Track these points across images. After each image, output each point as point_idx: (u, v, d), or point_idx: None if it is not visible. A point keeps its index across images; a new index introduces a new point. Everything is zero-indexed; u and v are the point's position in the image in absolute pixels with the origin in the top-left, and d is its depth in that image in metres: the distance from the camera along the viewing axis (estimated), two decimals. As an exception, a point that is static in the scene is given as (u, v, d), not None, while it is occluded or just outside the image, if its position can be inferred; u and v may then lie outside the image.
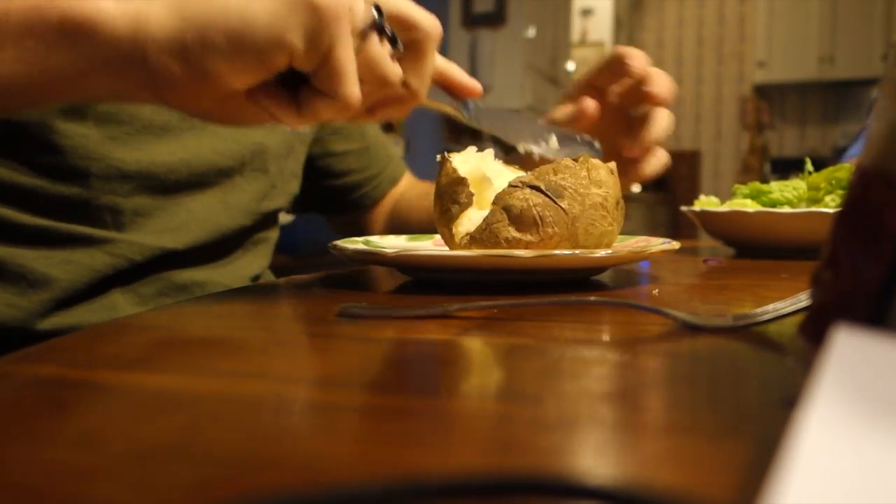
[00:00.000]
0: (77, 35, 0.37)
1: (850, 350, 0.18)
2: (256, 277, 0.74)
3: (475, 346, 0.33)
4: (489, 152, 0.53)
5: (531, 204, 0.46)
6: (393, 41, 0.42)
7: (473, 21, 3.62)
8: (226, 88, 0.38)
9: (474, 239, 0.47)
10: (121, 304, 0.60)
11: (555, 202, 0.46)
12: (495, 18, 3.60)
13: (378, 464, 0.18)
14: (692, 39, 5.72)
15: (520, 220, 0.46)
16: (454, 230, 0.49)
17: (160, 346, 0.35)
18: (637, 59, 0.59)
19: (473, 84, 0.52)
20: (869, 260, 0.22)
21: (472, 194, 0.49)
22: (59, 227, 0.58)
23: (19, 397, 0.25)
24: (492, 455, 0.19)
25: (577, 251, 0.45)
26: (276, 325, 0.41)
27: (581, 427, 0.22)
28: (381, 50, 0.41)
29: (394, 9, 0.42)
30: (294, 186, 0.78)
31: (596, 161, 0.48)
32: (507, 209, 0.46)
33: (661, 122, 0.60)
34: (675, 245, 0.53)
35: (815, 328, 0.23)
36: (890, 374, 0.17)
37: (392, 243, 0.59)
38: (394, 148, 0.93)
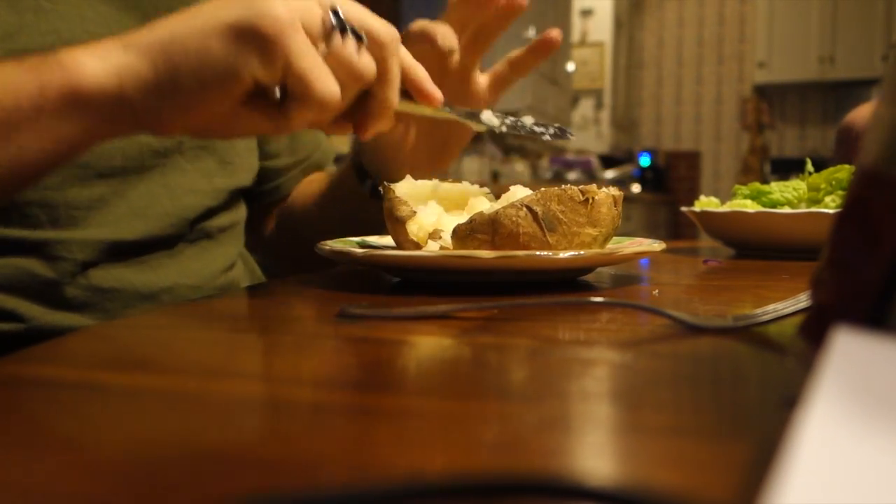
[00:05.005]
0: (76, 103, 0.41)
1: (850, 351, 0.18)
2: (230, 266, 0.69)
3: (475, 346, 0.33)
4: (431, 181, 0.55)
5: (520, 231, 0.45)
6: (357, 37, 0.43)
7: (473, 21, 3.62)
8: (207, 113, 0.42)
9: (456, 234, 0.47)
10: (85, 319, 0.57)
11: (544, 235, 0.46)
12: (495, 18, 3.60)
13: (378, 464, 0.18)
14: (692, 39, 5.72)
15: (505, 242, 0.46)
16: (408, 228, 0.49)
17: (159, 346, 0.35)
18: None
19: (435, 93, 0.50)
20: (869, 261, 0.22)
21: (412, 208, 0.49)
22: None
23: (19, 397, 0.25)
24: (492, 455, 0.19)
25: (541, 252, 0.45)
26: (275, 326, 0.41)
27: (581, 427, 0.22)
28: (346, 47, 0.42)
29: (350, 18, 0.43)
30: (253, 162, 0.74)
31: (602, 195, 0.48)
32: (495, 226, 0.46)
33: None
34: (657, 247, 0.52)
35: (815, 329, 0.23)
36: (890, 375, 0.17)
37: (386, 243, 0.59)
38: (323, 136, 0.85)
